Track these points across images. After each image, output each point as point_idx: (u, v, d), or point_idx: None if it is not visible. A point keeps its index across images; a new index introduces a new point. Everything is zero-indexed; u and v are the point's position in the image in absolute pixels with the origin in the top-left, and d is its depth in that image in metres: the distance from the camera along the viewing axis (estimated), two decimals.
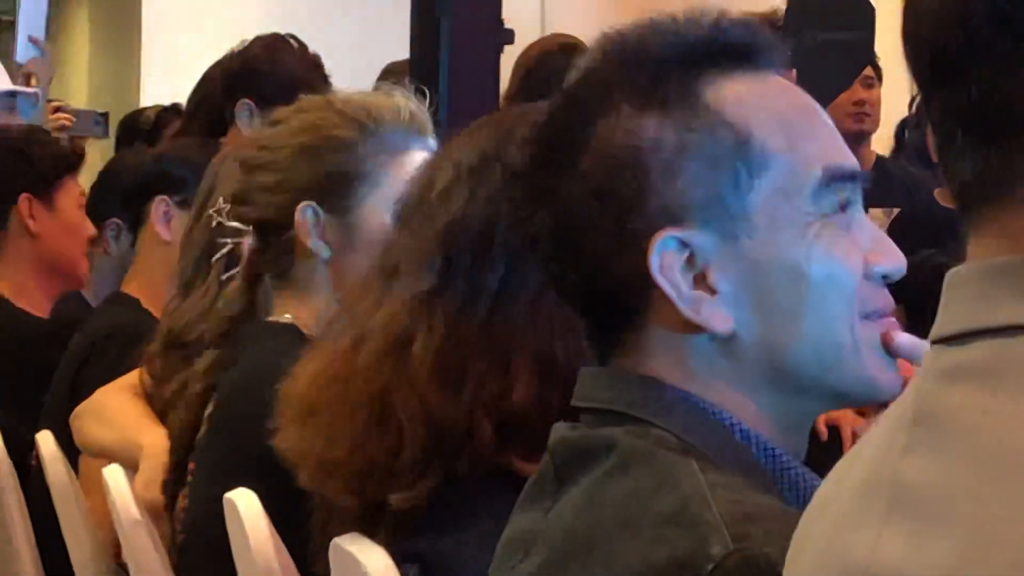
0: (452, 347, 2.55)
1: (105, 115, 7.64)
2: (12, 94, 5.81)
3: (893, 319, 2.16)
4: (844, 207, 2.09)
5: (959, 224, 1.50)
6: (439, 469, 2.50)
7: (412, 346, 2.57)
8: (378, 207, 3.43)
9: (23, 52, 6.51)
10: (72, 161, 5.61)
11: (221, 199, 3.92)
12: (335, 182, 3.47)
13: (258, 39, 5.90)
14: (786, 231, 2.07)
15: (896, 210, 5.62)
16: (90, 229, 5.80)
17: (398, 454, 2.52)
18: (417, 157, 3.42)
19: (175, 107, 6.59)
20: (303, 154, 3.48)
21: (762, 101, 2.11)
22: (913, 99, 7.42)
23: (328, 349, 2.73)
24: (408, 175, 3.16)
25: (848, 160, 2.12)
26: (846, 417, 4.26)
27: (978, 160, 1.42)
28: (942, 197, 4.54)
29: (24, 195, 5.68)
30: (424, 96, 3.91)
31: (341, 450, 2.59)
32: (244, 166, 3.62)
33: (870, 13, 5.68)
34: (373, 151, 3.50)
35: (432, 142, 3.59)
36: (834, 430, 4.34)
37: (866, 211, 4.28)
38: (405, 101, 3.72)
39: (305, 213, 3.42)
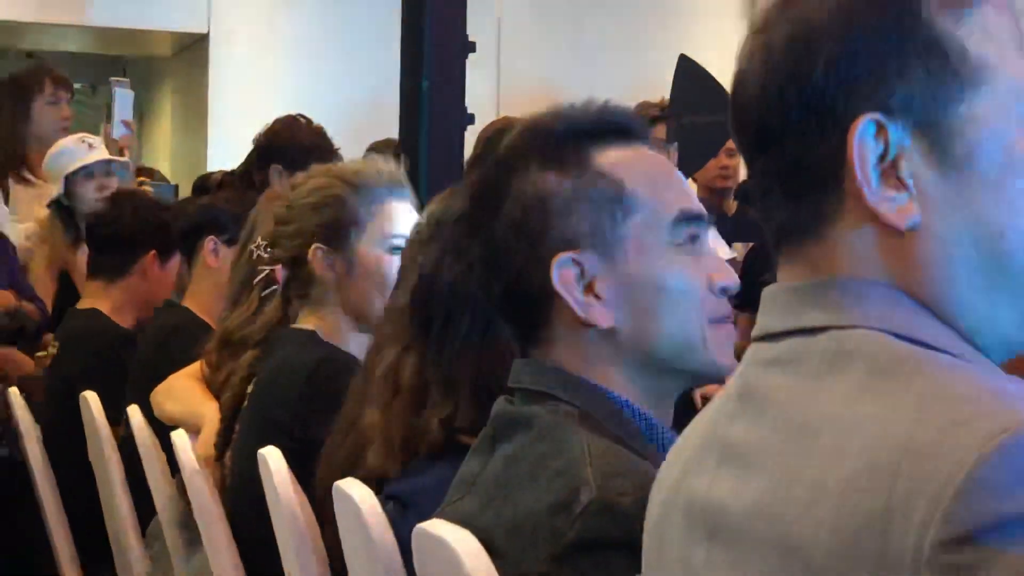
0: (419, 384, 2.52)
1: (175, 187, 7.53)
2: (109, 162, 5.76)
3: (731, 324, 2.23)
4: (693, 239, 2.15)
5: (773, 255, 1.58)
6: (407, 454, 2.48)
7: (399, 382, 2.57)
8: (371, 244, 3.45)
9: (117, 131, 6.34)
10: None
11: (259, 239, 3.90)
12: (336, 228, 3.46)
13: (278, 120, 5.84)
14: (650, 255, 2.11)
15: (751, 244, 5.40)
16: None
17: (389, 446, 2.52)
18: (396, 206, 3.51)
19: (232, 171, 6.30)
20: (312, 210, 3.50)
21: (633, 163, 2.15)
22: None
23: (359, 382, 2.78)
24: (390, 218, 3.47)
25: (696, 205, 2.20)
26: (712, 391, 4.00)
27: (790, 209, 1.51)
28: None
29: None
30: (398, 160, 3.83)
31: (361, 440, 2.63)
32: (275, 219, 3.65)
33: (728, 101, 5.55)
34: (363, 203, 3.49)
35: (408, 193, 3.61)
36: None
37: (730, 244, 4.70)
38: (385, 165, 3.73)
39: (316, 253, 3.42)
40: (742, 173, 6.09)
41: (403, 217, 3.47)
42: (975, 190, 1.47)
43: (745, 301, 2.35)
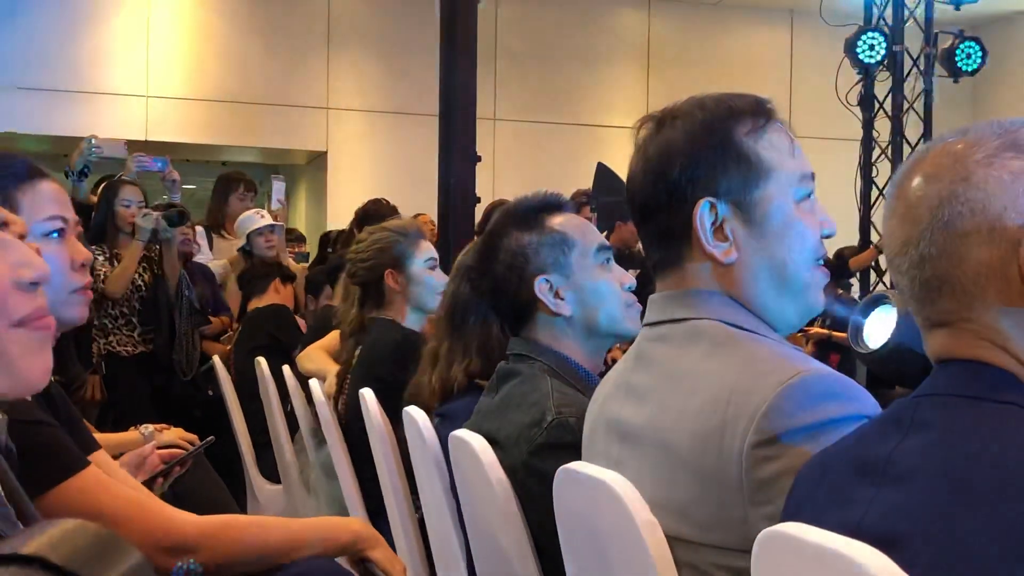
0: (449, 356, 2.42)
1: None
2: (272, 226, 5.64)
3: (637, 306, 2.08)
4: (607, 260, 2.08)
5: (655, 276, 1.57)
6: (444, 394, 2.40)
7: (437, 355, 2.46)
8: (416, 265, 3.29)
9: (275, 205, 6.24)
10: None
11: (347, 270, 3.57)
12: (394, 260, 3.28)
13: (369, 201, 5.67)
14: (586, 271, 2.04)
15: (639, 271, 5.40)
16: None
17: (434, 389, 2.42)
18: (423, 242, 3.37)
19: (341, 231, 6.07)
20: (377, 250, 3.32)
21: (568, 221, 2.08)
22: None
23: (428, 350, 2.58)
24: (422, 249, 3.33)
25: (604, 241, 2.12)
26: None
27: (662, 252, 1.51)
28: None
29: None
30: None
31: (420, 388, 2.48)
32: (354, 258, 3.44)
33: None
34: (406, 244, 3.31)
35: (424, 235, 3.50)
36: None
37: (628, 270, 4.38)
38: (412, 222, 3.69)
39: (388, 276, 3.26)
40: None
41: (428, 248, 3.36)
42: (768, 239, 1.47)
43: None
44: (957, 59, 7.63)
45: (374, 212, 5.34)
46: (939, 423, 1.07)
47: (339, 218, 7.81)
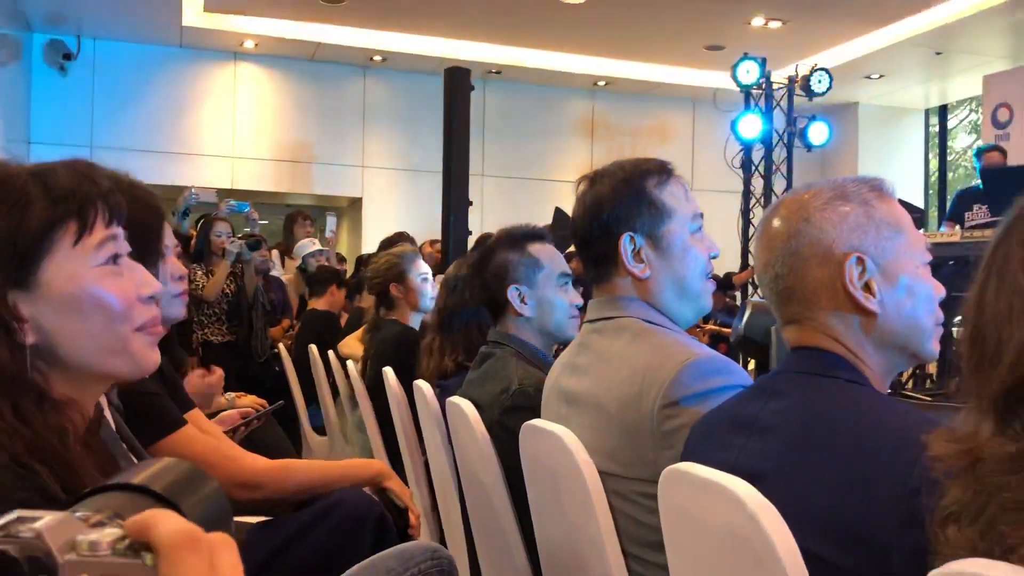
0: (441, 348, 2.41)
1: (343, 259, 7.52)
2: (322, 251, 5.62)
3: (578, 314, 2.02)
4: (566, 284, 2.04)
5: (592, 288, 1.55)
6: (440, 374, 2.38)
7: (432, 348, 2.45)
8: (414, 278, 3.26)
9: (328, 234, 6.25)
10: None
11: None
12: (396, 275, 3.24)
13: (394, 233, 5.46)
14: (548, 288, 2.00)
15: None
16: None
17: (432, 372, 2.40)
18: (420, 262, 3.33)
19: (372, 254, 6.21)
20: (385, 268, 3.27)
21: (542, 249, 2.03)
22: None
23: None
24: (419, 267, 3.28)
25: (568, 269, 2.06)
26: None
27: (597, 272, 1.50)
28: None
29: None
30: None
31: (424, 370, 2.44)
32: (371, 275, 3.42)
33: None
34: (407, 263, 3.27)
35: (420, 256, 3.43)
36: None
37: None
38: (412, 247, 3.71)
39: (392, 287, 3.23)
40: None
41: (422, 265, 3.30)
42: (672, 261, 1.46)
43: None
44: (810, 135, 7.69)
45: (396, 241, 5.28)
46: (791, 391, 1.07)
47: (371, 245, 7.77)
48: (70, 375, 0.90)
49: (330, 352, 4.01)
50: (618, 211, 1.45)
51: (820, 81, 7.53)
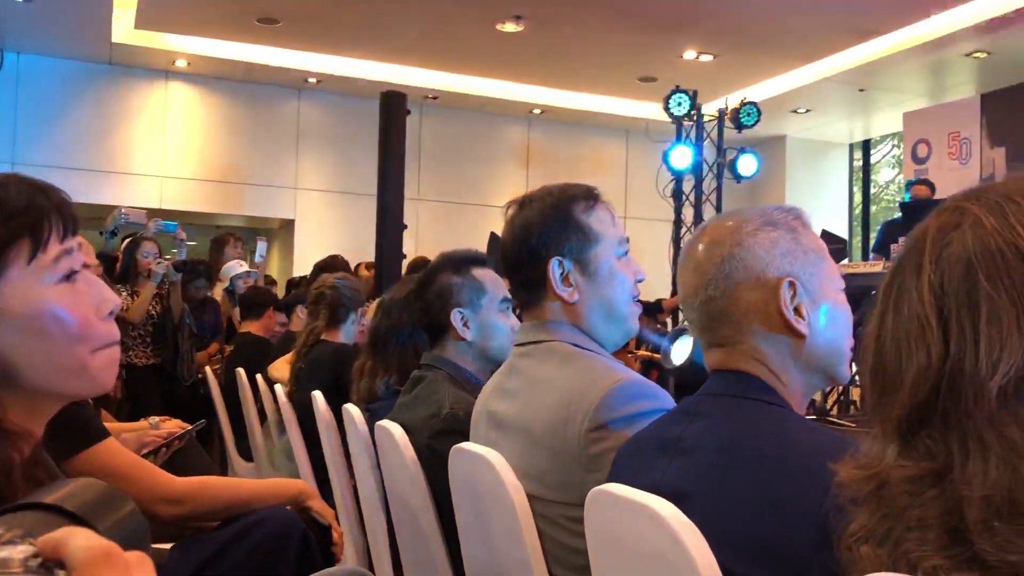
0: (373, 370, 2.40)
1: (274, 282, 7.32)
2: (249, 272, 5.53)
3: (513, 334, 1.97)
4: (506, 308, 2.00)
5: (522, 312, 1.57)
6: (371, 397, 2.38)
7: (364, 370, 2.44)
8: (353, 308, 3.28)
9: (257, 259, 6.07)
10: None
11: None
12: (348, 302, 3.27)
13: (328, 256, 5.52)
14: (490, 313, 1.99)
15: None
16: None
17: (361, 394, 2.41)
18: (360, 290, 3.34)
19: (304, 276, 6.08)
20: (335, 290, 3.28)
21: (484, 273, 2.02)
22: None
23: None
24: (359, 291, 3.31)
25: (508, 293, 1.97)
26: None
27: (527, 295, 1.50)
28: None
29: None
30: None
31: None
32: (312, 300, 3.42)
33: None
34: (351, 291, 3.30)
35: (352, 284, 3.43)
36: None
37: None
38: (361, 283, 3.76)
39: (342, 313, 3.27)
40: None
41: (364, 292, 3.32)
42: (599, 284, 1.47)
43: None
44: (739, 167, 7.82)
45: (330, 264, 5.27)
46: (713, 413, 1.09)
47: (302, 267, 7.76)
48: (26, 398, 0.87)
49: (258, 376, 3.94)
50: (546, 236, 1.46)
51: (749, 114, 7.70)
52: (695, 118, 7.83)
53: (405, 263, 5.46)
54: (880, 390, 0.69)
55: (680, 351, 2.63)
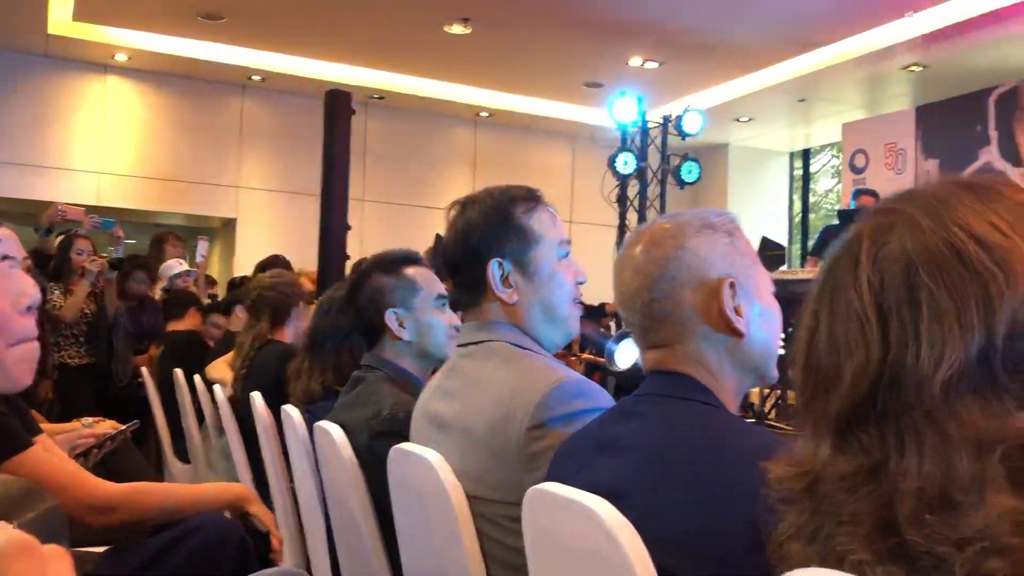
0: (311, 370, 2.39)
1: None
2: (189, 271, 5.45)
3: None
4: (443, 305, 2.05)
5: (463, 313, 1.57)
6: (308, 399, 2.35)
7: (301, 371, 2.42)
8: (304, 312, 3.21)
9: (198, 259, 6.01)
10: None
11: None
12: (288, 299, 3.20)
13: (269, 256, 5.29)
14: (426, 311, 2.01)
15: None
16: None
17: (299, 396, 2.40)
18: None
19: (245, 278, 5.78)
20: (272, 290, 3.22)
21: (419, 272, 2.02)
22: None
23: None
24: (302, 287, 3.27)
25: (444, 290, 2.04)
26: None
27: (468, 297, 1.51)
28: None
29: None
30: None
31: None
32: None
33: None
34: (289, 288, 3.25)
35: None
36: None
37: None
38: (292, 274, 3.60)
39: (283, 311, 3.18)
40: None
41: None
42: (539, 285, 1.47)
43: None
44: (682, 173, 7.91)
45: (272, 264, 5.13)
46: (650, 413, 1.10)
47: (244, 267, 7.66)
48: None
49: (196, 376, 3.83)
50: (487, 237, 1.47)
51: (693, 122, 7.79)
52: (640, 124, 7.91)
53: (349, 264, 5.38)
54: (814, 388, 0.70)
55: (625, 354, 2.66)
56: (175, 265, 5.60)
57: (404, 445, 1.47)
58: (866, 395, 0.65)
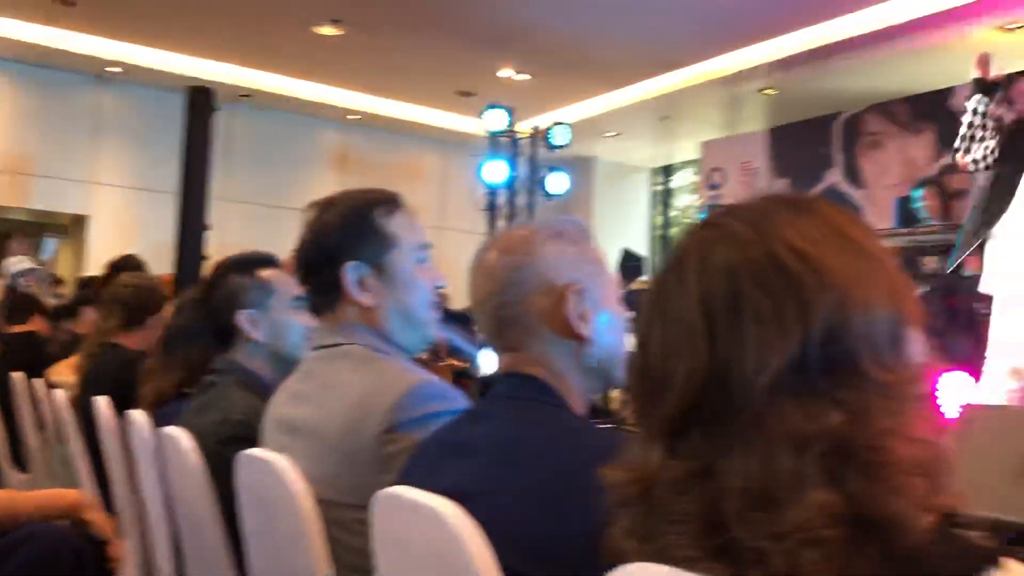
0: (161, 369, 2.31)
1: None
2: (33, 269, 5.32)
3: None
4: (300, 308, 1.97)
5: (318, 316, 1.52)
6: (159, 402, 2.25)
7: (153, 372, 2.35)
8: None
9: (45, 255, 5.97)
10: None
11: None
12: (148, 304, 3.11)
13: (123, 256, 5.08)
14: (281, 312, 1.98)
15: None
16: None
17: (149, 399, 2.30)
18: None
19: (96, 276, 5.85)
20: (133, 291, 3.12)
21: (273, 275, 2.00)
22: None
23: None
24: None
25: (301, 292, 1.89)
26: None
27: (322, 298, 1.49)
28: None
29: None
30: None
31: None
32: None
33: None
34: (151, 292, 3.17)
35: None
36: None
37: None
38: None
39: (139, 315, 3.05)
40: None
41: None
42: (396, 289, 1.46)
43: None
44: (551, 185, 8.02)
45: (125, 264, 4.97)
46: (499, 415, 1.11)
47: (96, 266, 7.24)
48: None
49: (36, 381, 3.64)
50: (344, 240, 1.45)
51: (561, 134, 7.92)
52: (510, 135, 7.98)
53: (209, 265, 5.23)
54: (647, 394, 0.73)
55: (488, 359, 2.68)
56: (17, 262, 5.38)
57: (251, 450, 1.43)
58: (695, 399, 0.68)
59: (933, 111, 7.83)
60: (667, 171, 11.47)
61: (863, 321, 0.66)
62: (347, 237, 1.46)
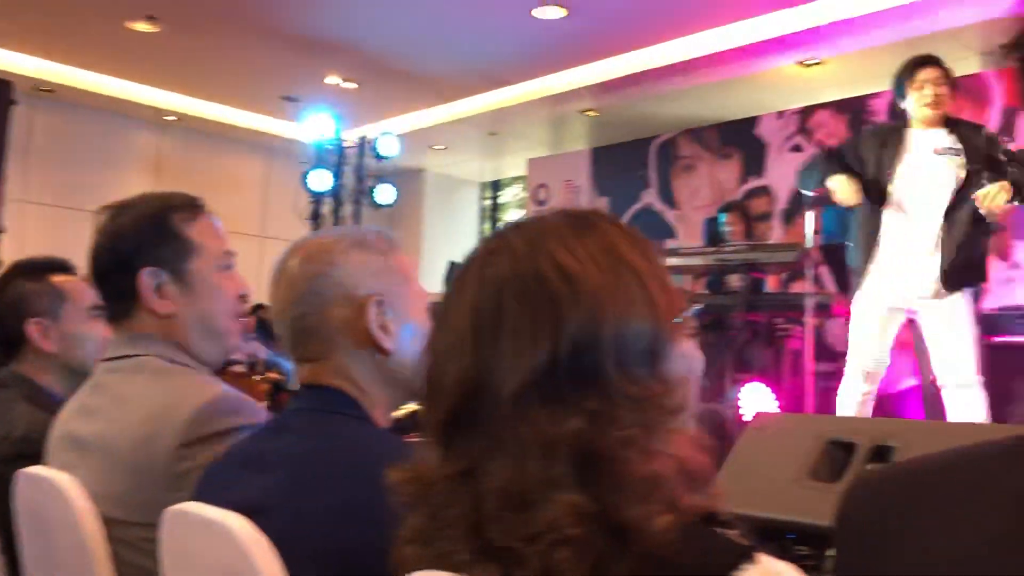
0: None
1: None
2: None
3: None
4: (96, 315, 1.88)
5: (111, 325, 1.45)
6: None
7: None
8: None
9: None
10: None
11: None
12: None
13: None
14: (75, 322, 1.89)
15: None
16: None
17: None
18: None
19: None
20: None
21: (71, 283, 1.91)
22: None
23: None
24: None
25: (98, 301, 1.63)
26: None
27: (116, 306, 1.41)
28: None
29: None
30: None
31: None
32: None
33: None
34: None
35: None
36: None
37: None
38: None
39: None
40: None
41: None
42: (197, 298, 1.41)
43: None
44: (377, 195, 7.98)
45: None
46: (298, 427, 1.09)
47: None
48: None
49: None
50: (140, 244, 1.39)
51: (389, 145, 7.89)
52: (336, 143, 7.87)
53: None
54: (427, 399, 0.76)
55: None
56: None
57: (31, 469, 1.36)
58: (462, 404, 0.72)
59: (740, 138, 8.38)
60: (496, 186, 11.66)
61: (614, 335, 0.70)
62: (144, 242, 1.39)
